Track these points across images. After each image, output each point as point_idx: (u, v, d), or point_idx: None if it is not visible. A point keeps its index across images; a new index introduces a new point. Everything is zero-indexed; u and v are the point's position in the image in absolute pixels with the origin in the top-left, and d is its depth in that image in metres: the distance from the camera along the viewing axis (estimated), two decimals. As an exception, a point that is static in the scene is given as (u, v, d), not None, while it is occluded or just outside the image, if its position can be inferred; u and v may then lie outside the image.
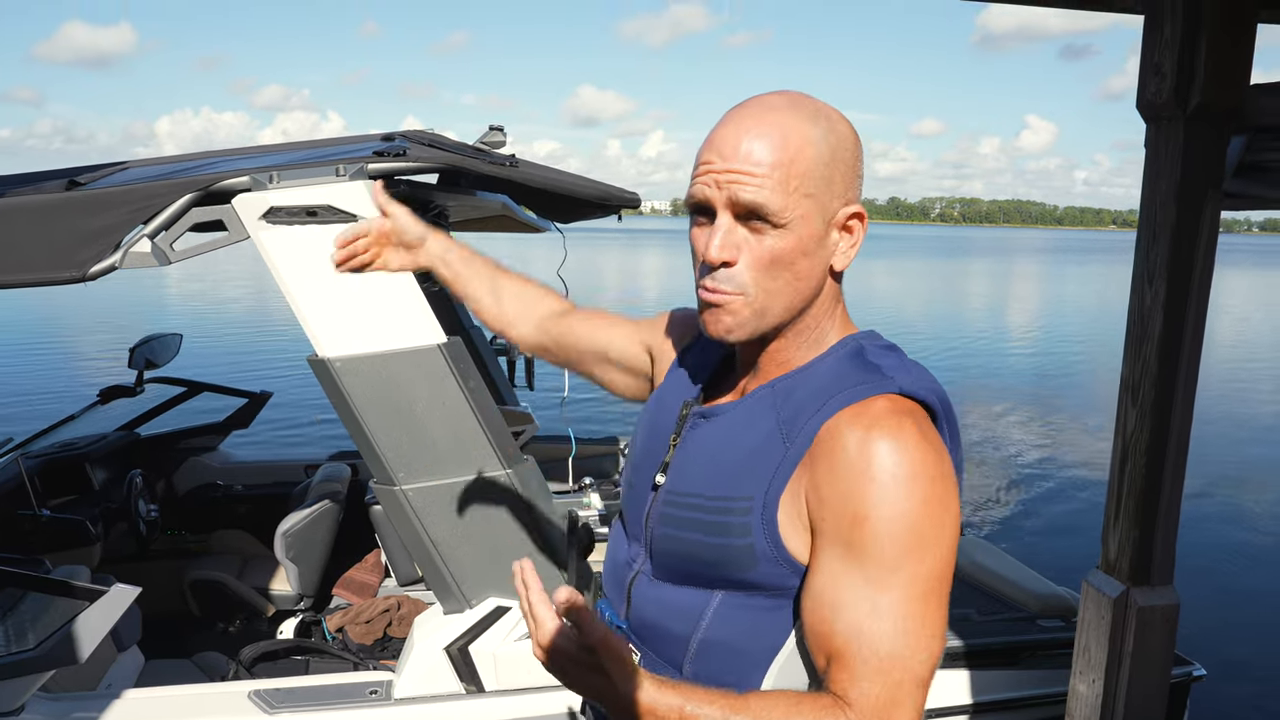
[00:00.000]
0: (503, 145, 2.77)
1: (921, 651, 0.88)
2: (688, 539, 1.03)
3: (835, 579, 0.91)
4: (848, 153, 0.99)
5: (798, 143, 0.95)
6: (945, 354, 16.06)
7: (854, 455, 0.91)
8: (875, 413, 0.93)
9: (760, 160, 0.94)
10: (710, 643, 1.00)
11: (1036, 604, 2.80)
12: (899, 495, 0.89)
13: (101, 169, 2.74)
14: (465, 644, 2.28)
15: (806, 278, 0.99)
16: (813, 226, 0.97)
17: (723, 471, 1.01)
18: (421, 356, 2.21)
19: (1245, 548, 6.87)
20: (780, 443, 0.98)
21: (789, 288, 0.99)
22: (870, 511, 0.89)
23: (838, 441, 0.93)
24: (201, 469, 4.13)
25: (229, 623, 3.60)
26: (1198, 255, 2.03)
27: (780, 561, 0.96)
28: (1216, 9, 1.90)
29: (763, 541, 0.96)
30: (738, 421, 1.03)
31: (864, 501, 0.89)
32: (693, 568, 1.03)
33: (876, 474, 0.89)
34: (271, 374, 11.22)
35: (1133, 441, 2.15)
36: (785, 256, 0.97)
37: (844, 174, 0.99)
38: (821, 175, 0.96)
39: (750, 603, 0.99)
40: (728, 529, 0.98)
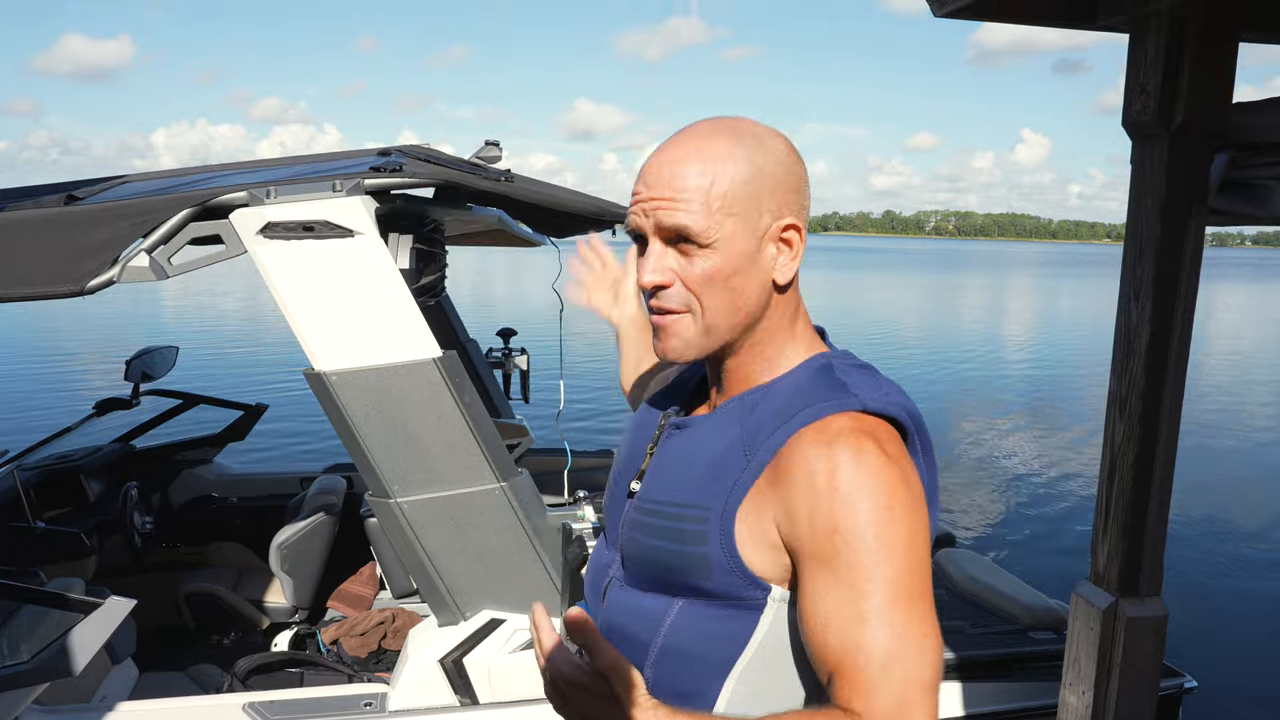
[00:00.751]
0: (498, 160, 2.79)
1: (917, 652, 0.89)
2: (651, 545, 1.05)
3: (819, 595, 0.92)
4: (777, 168, 1.01)
5: (717, 165, 0.98)
6: (940, 366, 16.10)
7: (817, 473, 0.93)
8: (835, 430, 0.95)
9: (681, 185, 0.98)
10: (670, 649, 1.02)
11: (1028, 616, 2.82)
12: (863, 505, 0.91)
13: (100, 183, 2.77)
14: (460, 656, 2.29)
15: (744, 293, 1.01)
16: (741, 243, 0.99)
17: (687, 480, 1.03)
18: (417, 370, 2.23)
19: (1237, 560, 6.89)
20: (741, 455, 1.00)
21: (728, 304, 1.01)
22: (839, 523, 0.91)
23: (801, 460, 0.94)
24: (197, 481, 4.14)
25: (224, 635, 3.60)
26: (1183, 271, 2.05)
27: (735, 572, 0.98)
28: (1199, 28, 1.93)
29: (718, 551, 0.98)
30: (706, 433, 1.06)
31: (831, 515, 0.91)
32: (656, 574, 1.05)
33: (839, 487, 0.91)
34: (267, 387, 11.22)
35: (1120, 454, 2.17)
36: (717, 275, 0.99)
37: (773, 190, 1.00)
38: (744, 193, 0.99)
39: (708, 612, 1.00)
40: (684, 536, 1.00)
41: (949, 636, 2.72)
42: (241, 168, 2.78)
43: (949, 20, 2.27)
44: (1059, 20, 2.21)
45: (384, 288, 2.24)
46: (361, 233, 2.22)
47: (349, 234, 2.20)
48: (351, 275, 2.23)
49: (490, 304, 24.50)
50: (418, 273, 2.43)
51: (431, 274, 2.56)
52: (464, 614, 2.33)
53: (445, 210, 2.76)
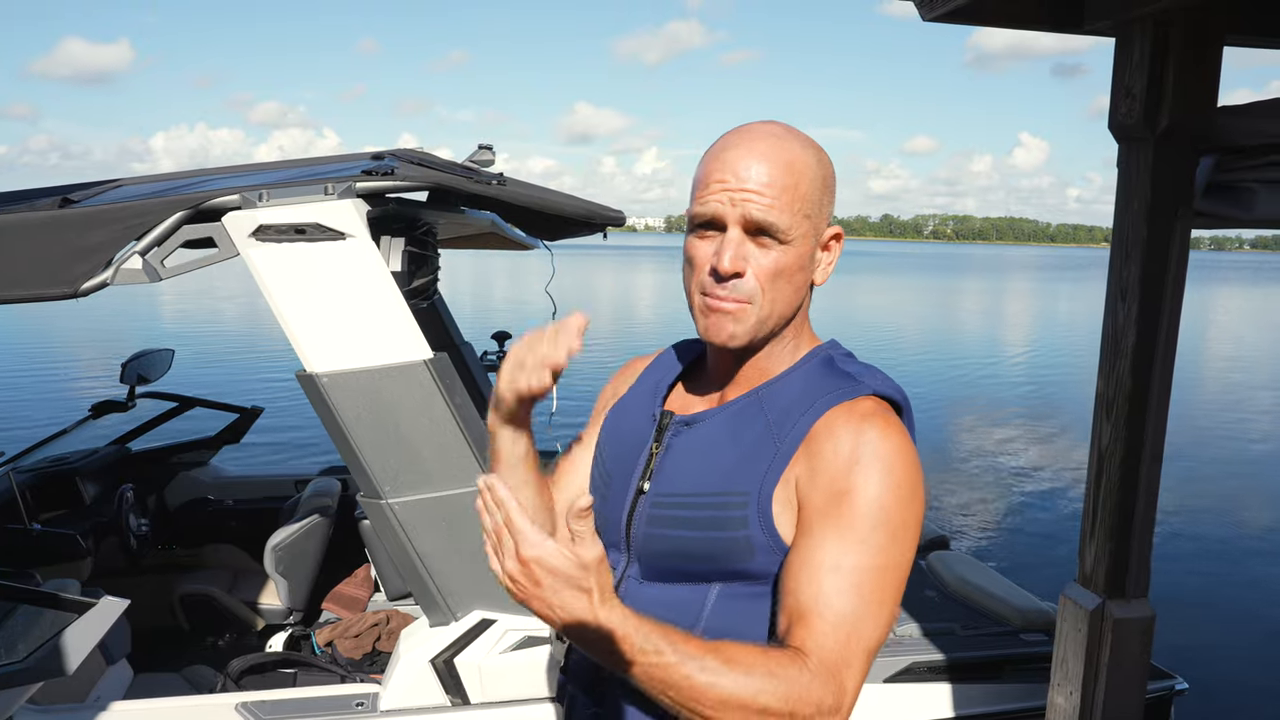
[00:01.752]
0: (491, 164, 2.81)
1: (872, 619, 0.96)
2: (681, 536, 1.09)
3: (810, 547, 0.99)
4: (832, 180, 1.11)
5: (800, 168, 1.06)
6: (937, 369, 16.12)
7: (848, 443, 1.01)
8: (865, 410, 1.04)
9: (771, 182, 1.04)
10: (714, 632, 1.04)
11: (1019, 618, 2.83)
12: (882, 478, 0.99)
13: (95, 186, 2.78)
14: (451, 656, 2.29)
15: (800, 290, 1.11)
16: (809, 244, 1.09)
17: (716, 470, 1.08)
18: (408, 372, 2.24)
19: (1234, 563, 6.90)
20: (772, 442, 1.06)
21: (786, 298, 1.09)
22: (855, 487, 0.99)
23: (833, 433, 1.03)
24: (192, 483, 4.15)
25: (219, 637, 3.61)
26: (1169, 273, 2.07)
27: (776, 550, 1.04)
28: (1183, 33, 1.95)
29: (759, 533, 1.04)
30: (725, 426, 1.11)
31: (850, 479, 0.99)
32: (686, 564, 1.09)
33: (865, 457, 1.00)
34: (263, 390, 11.23)
35: (1107, 455, 2.18)
36: (787, 270, 1.07)
37: (830, 199, 1.11)
38: (816, 199, 1.08)
39: (748, 590, 1.06)
40: (725, 523, 1.05)
41: (940, 638, 2.73)
42: (235, 171, 2.80)
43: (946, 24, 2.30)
44: (1045, 25, 2.23)
45: (375, 290, 2.25)
46: (353, 235, 2.23)
47: (340, 236, 2.22)
48: (343, 277, 2.24)
49: (488, 307, 24.52)
50: (409, 275, 2.45)
51: (423, 276, 2.57)
52: (455, 614, 2.34)
53: (438, 213, 2.77)
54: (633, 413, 1.23)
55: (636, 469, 1.17)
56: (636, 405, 1.24)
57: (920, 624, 2.77)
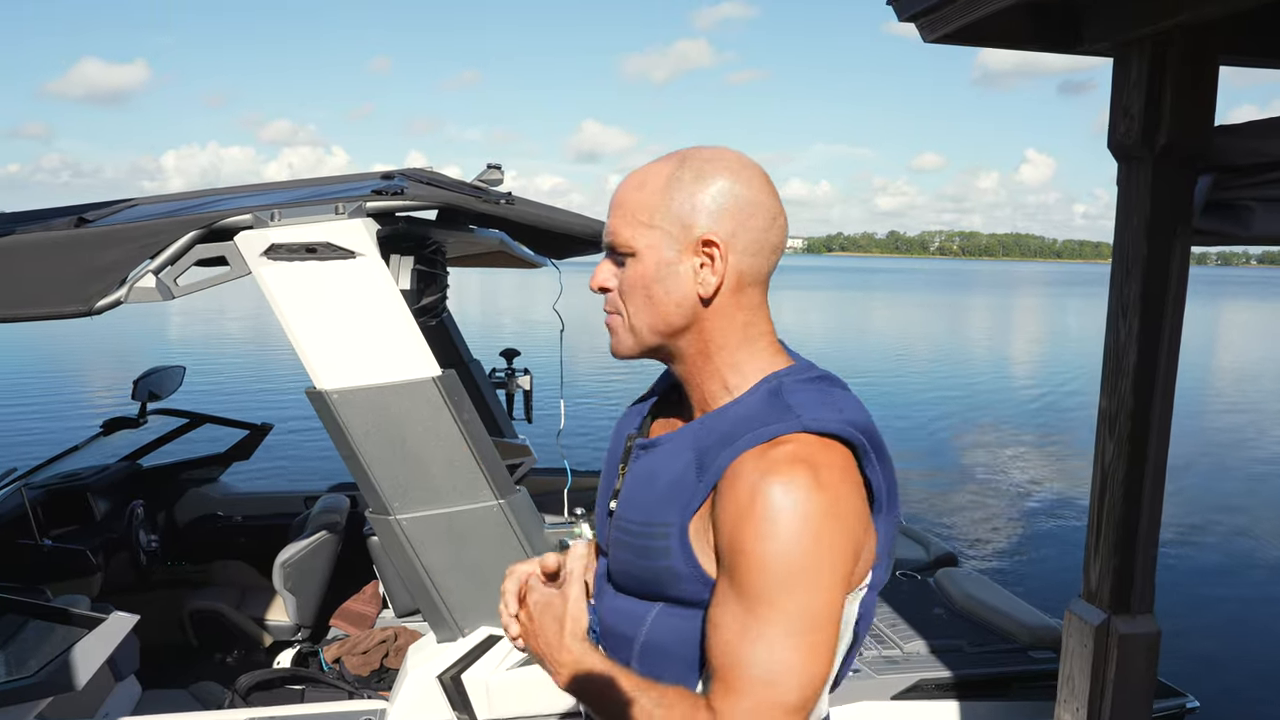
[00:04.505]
0: (500, 183, 2.84)
1: (788, 681, 0.95)
2: (627, 559, 1.13)
3: (720, 603, 1.00)
4: (711, 191, 1.06)
5: (647, 181, 1.09)
6: (945, 386, 16.08)
7: (745, 495, 0.98)
8: (774, 456, 0.99)
9: (619, 203, 1.11)
10: (650, 646, 1.11)
11: (1027, 635, 2.82)
12: (775, 534, 0.95)
13: (109, 206, 2.83)
14: (458, 672, 2.31)
15: (664, 302, 1.08)
16: (660, 253, 1.07)
17: (650, 500, 1.10)
18: (416, 389, 2.26)
19: (1239, 578, 6.85)
20: (694, 476, 1.05)
21: (647, 309, 1.10)
22: (747, 546, 0.97)
23: (737, 481, 0.99)
24: (202, 500, 4.17)
25: (227, 653, 3.62)
26: (1169, 290, 2.09)
27: (698, 580, 1.05)
28: (1179, 53, 1.98)
29: (680, 563, 1.05)
30: (666, 454, 1.11)
31: (743, 536, 0.97)
32: (634, 584, 1.14)
33: (759, 512, 0.96)
34: (273, 407, 11.28)
35: (1111, 472, 2.19)
36: (638, 280, 1.09)
37: (701, 208, 1.06)
38: (657, 203, 1.07)
39: (682, 613, 1.07)
40: (651, 552, 1.08)
41: (948, 655, 2.73)
42: (247, 190, 2.84)
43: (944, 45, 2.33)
44: (1045, 45, 2.26)
45: (385, 308, 2.28)
46: (363, 254, 2.27)
47: (350, 255, 2.25)
48: (353, 296, 2.27)
49: (496, 324, 24.58)
50: (419, 293, 2.48)
51: (432, 294, 2.61)
52: (462, 630, 2.35)
53: (447, 232, 2.81)
54: (618, 437, 1.28)
55: (610, 490, 1.22)
56: (622, 429, 1.28)
57: (928, 641, 2.77)
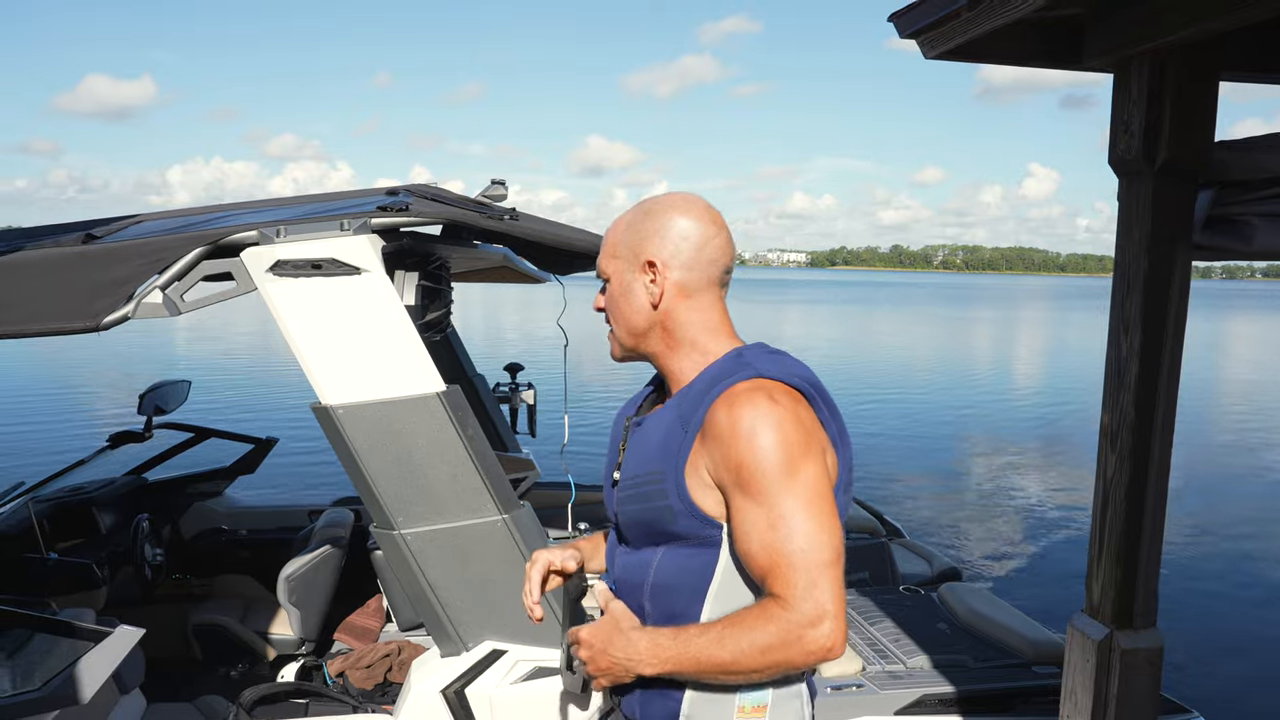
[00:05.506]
0: (504, 199, 2.86)
1: (818, 541, 1.21)
2: (633, 510, 1.40)
3: (741, 516, 1.25)
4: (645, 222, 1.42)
5: (616, 224, 1.47)
6: (949, 400, 16.05)
7: (725, 424, 1.26)
8: (736, 392, 1.29)
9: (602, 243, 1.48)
10: (658, 584, 1.37)
11: (1031, 650, 2.82)
12: (759, 439, 1.23)
13: (117, 222, 2.85)
14: (462, 686, 2.30)
15: (630, 312, 1.44)
16: (624, 276, 1.44)
17: (647, 457, 1.39)
18: (421, 404, 2.27)
19: (1240, 592, 6.81)
20: (680, 429, 1.34)
21: (626, 318, 1.45)
22: (743, 457, 1.23)
23: (715, 418, 1.28)
24: (207, 514, 4.19)
25: (231, 667, 3.62)
26: (1170, 305, 2.09)
27: (692, 515, 1.31)
28: (1179, 69, 1.99)
29: (676, 501, 1.31)
30: (655, 422, 1.42)
31: (738, 451, 1.24)
32: (642, 532, 1.40)
33: (740, 430, 1.24)
34: (278, 421, 11.30)
35: (1113, 486, 2.19)
36: (612, 297, 1.46)
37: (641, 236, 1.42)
38: (620, 239, 1.45)
39: (682, 552, 1.34)
40: (650, 495, 1.35)
41: (950, 670, 2.72)
42: (252, 207, 2.86)
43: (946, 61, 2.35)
44: (1045, 61, 2.27)
45: (389, 324, 2.30)
46: (368, 270, 2.28)
47: (356, 272, 2.27)
48: (358, 312, 2.29)
49: (499, 338, 24.62)
50: (423, 309, 2.49)
51: (437, 310, 2.62)
52: (466, 645, 2.35)
53: (451, 248, 2.82)
54: (618, 422, 1.58)
55: (613, 465, 1.51)
56: (622, 416, 1.58)
57: (931, 656, 2.77)
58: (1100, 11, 2.07)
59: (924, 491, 9.63)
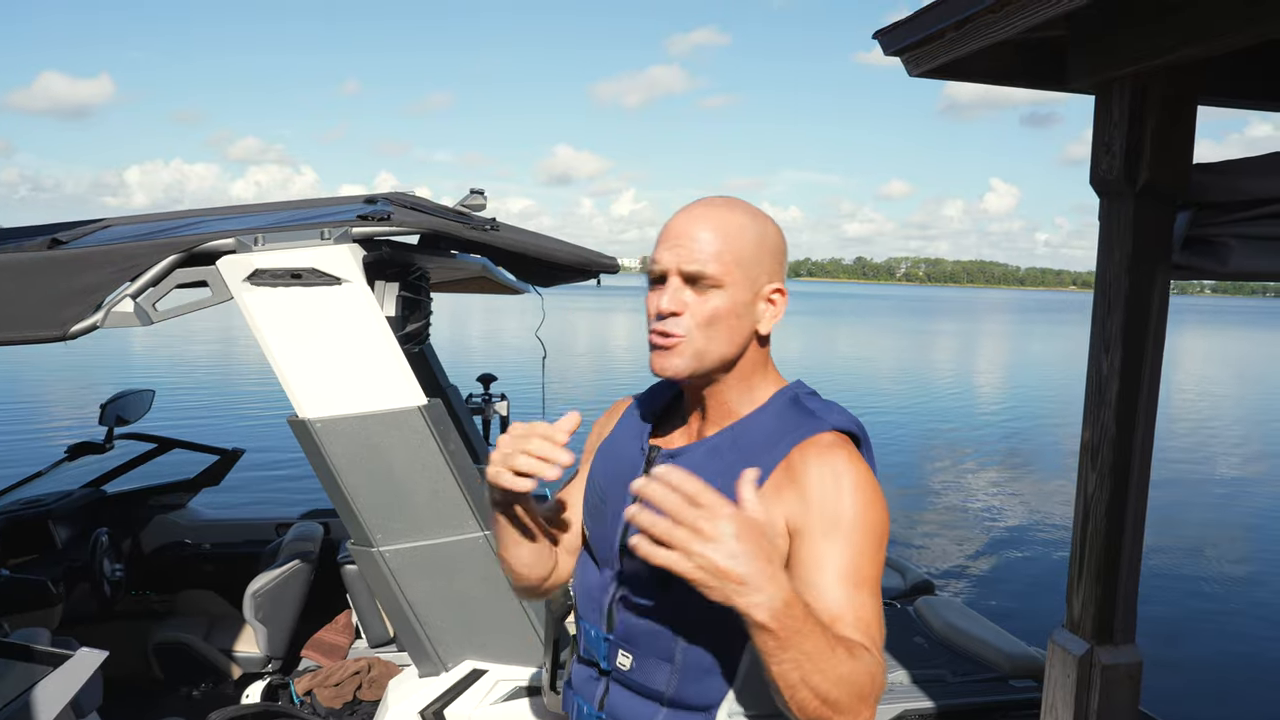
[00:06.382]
0: (483, 208, 2.83)
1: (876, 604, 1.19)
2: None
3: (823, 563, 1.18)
4: (772, 241, 1.28)
5: (734, 228, 1.24)
6: (912, 413, 16.23)
7: (826, 473, 1.20)
8: (825, 443, 1.23)
9: (705, 238, 1.23)
10: (699, 628, 1.24)
11: (1008, 664, 2.84)
12: (861, 498, 1.20)
13: (82, 226, 2.77)
14: (441, 707, 2.26)
15: (736, 333, 1.25)
16: (744, 293, 1.25)
17: None
18: (402, 418, 2.23)
19: (1211, 605, 6.95)
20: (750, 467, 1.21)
21: (723, 338, 1.25)
22: (842, 510, 1.19)
23: (808, 465, 1.21)
24: (169, 527, 4.07)
25: (194, 686, 3.52)
26: (1150, 323, 2.12)
27: None
28: (1160, 92, 2.02)
29: None
30: (704, 458, 1.28)
31: (839, 504, 1.19)
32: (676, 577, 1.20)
33: (844, 484, 1.20)
34: (245, 432, 11.09)
35: (1093, 502, 2.21)
36: (720, 312, 1.23)
37: (770, 257, 1.27)
38: (751, 253, 1.25)
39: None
40: None
41: (929, 685, 2.73)
42: (226, 213, 2.80)
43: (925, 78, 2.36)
44: (1028, 82, 2.30)
45: (370, 335, 2.25)
46: (349, 280, 2.23)
47: (336, 282, 2.22)
48: (338, 323, 2.24)
49: (466, 346, 24.45)
50: (403, 320, 2.45)
51: (417, 321, 2.58)
52: (445, 664, 2.30)
53: (430, 257, 2.78)
54: (622, 446, 1.39)
55: (629, 496, 1.29)
56: (626, 439, 1.40)
57: (910, 671, 2.77)
58: (1083, 35, 2.10)
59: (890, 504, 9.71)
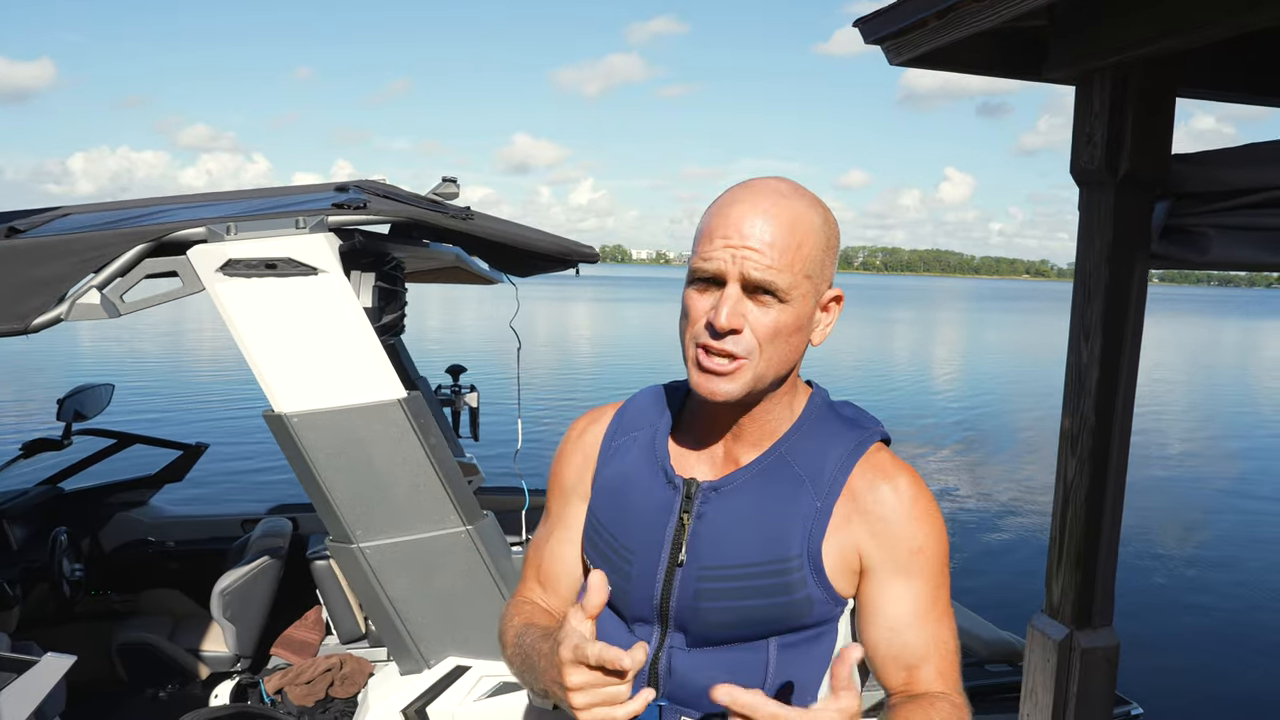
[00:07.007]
0: (455, 196, 2.77)
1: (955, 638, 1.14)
2: (743, 606, 1.11)
3: (898, 601, 1.10)
4: (836, 241, 1.12)
5: (804, 229, 1.06)
6: (874, 398, 16.41)
7: (894, 503, 1.11)
8: (883, 464, 1.14)
9: (774, 242, 1.04)
10: (778, 680, 1.12)
11: (984, 649, 2.87)
12: (930, 525, 1.12)
13: (39, 214, 2.66)
14: (423, 705, 2.22)
15: (798, 349, 1.11)
16: (808, 305, 1.09)
17: (763, 536, 1.11)
18: (381, 411, 2.18)
19: (1171, 585, 7.13)
20: (811, 500, 1.11)
21: (783, 357, 1.09)
22: (919, 543, 1.11)
23: (875, 490, 1.12)
24: (131, 525, 3.96)
25: (160, 688, 3.43)
26: (1129, 312, 2.15)
27: (831, 601, 1.12)
28: (1139, 84, 2.04)
29: (816, 590, 1.10)
30: (758, 489, 1.12)
31: (914, 535, 1.11)
32: (745, 629, 1.12)
33: (914, 513, 1.11)
34: (208, 425, 10.85)
35: (1073, 489, 2.24)
36: (786, 329, 1.07)
37: (832, 260, 1.12)
38: (819, 260, 1.08)
39: (803, 637, 1.13)
40: (784, 589, 1.10)
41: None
42: (194, 201, 2.71)
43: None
44: (1009, 72, 2.31)
45: (348, 327, 2.19)
46: (325, 271, 2.17)
47: (313, 272, 2.16)
48: (315, 314, 2.18)
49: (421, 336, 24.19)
50: (380, 311, 2.39)
51: (393, 312, 2.52)
52: (428, 661, 2.27)
53: (402, 247, 2.72)
54: (636, 478, 1.18)
55: (665, 540, 1.14)
56: (639, 472, 1.18)
57: (889, 657, 2.79)
58: (1064, 25, 2.11)
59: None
